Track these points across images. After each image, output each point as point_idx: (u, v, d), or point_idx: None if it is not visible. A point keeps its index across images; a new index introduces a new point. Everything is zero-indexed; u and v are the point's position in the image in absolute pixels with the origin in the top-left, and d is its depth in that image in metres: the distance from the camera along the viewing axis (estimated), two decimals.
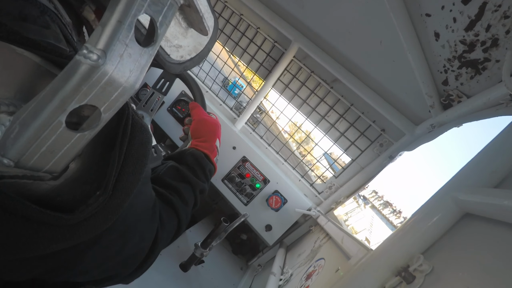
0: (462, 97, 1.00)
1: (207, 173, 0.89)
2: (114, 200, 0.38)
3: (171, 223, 0.67)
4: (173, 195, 0.72)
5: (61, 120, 0.29)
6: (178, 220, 0.70)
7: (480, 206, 0.57)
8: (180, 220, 0.70)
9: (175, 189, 0.74)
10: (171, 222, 0.67)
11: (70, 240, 0.35)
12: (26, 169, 0.31)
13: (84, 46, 0.28)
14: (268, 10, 1.58)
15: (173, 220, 0.68)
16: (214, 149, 0.97)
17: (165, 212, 0.65)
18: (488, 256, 0.51)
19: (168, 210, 0.68)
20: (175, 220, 0.69)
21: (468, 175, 0.66)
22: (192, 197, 0.79)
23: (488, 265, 0.49)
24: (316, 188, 1.73)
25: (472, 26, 0.81)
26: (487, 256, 0.51)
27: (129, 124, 0.41)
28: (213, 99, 1.88)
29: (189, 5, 0.41)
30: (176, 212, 0.69)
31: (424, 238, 0.64)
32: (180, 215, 0.70)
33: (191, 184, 0.80)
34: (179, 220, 0.70)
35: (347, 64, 1.48)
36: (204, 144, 0.95)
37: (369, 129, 1.57)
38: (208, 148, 0.94)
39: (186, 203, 0.75)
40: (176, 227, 0.70)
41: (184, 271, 1.29)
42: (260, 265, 1.68)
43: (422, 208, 0.68)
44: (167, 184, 0.74)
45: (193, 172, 0.83)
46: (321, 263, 1.09)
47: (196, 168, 0.85)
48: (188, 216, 0.76)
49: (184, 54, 0.55)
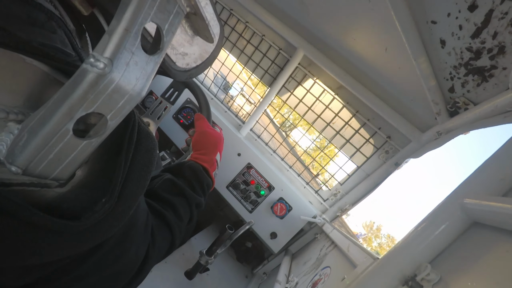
0: (468, 104, 0.99)
1: (205, 187, 0.87)
2: (120, 207, 0.38)
3: (163, 240, 0.66)
4: (168, 210, 0.70)
5: (69, 128, 0.30)
6: (171, 236, 0.69)
7: (488, 214, 0.56)
8: (173, 236, 0.69)
9: (170, 203, 0.73)
10: (163, 239, 0.65)
11: (77, 246, 0.35)
12: (33, 177, 0.31)
13: (91, 54, 0.28)
14: (273, 17, 1.59)
15: (165, 237, 0.67)
16: (213, 162, 0.96)
17: (157, 228, 0.63)
18: (497, 266, 0.50)
19: (161, 225, 0.66)
20: (168, 236, 0.68)
21: (476, 183, 0.65)
22: (188, 212, 0.78)
23: (497, 275, 0.48)
24: (321, 195, 1.71)
25: (478, 33, 0.80)
26: (495, 265, 0.50)
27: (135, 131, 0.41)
28: (218, 106, 1.89)
29: (195, 13, 0.41)
30: (169, 228, 0.68)
31: (432, 247, 0.63)
32: (173, 231, 0.69)
33: (187, 198, 0.78)
34: (172, 235, 0.69)
35: (352, 71, 1.48)
36: (203, 157, 0.94)
37: (375, 136, 1.56)
38: (207, 161, 0.93)
39: (180, 218, 0.74)
40: (169, 245, 0.69)
41: (189, 279, 1.28)
42: (265, 273, 1.67)
43: (429, 216, 0.67)
44: (162, 198, 0.73)
45: (190, 185, 0.82)
46: (327, 272, 1.08)
47: (193, 182, 0.84)
48: (182, 232, 0.74)
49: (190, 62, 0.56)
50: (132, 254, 0.50)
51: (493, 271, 0.50)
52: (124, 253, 0.48)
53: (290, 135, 1.78)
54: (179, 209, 0.73)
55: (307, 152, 1.88)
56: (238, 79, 1.95)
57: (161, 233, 0.64)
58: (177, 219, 0.72)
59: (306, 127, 1.79)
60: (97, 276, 0.46)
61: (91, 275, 0.45)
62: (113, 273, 0.49)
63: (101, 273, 0.46)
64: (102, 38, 0.29)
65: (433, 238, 0.63)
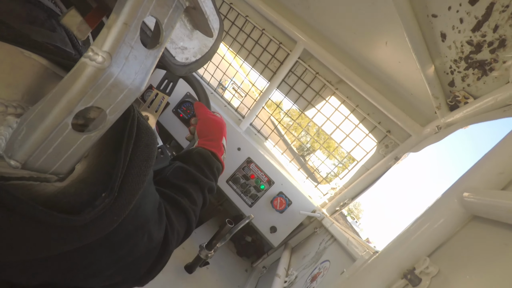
0: (468, 98, 0.99)
1: (215, 171, 0.88)
2: (120, 201, 0.38)
3: (181, 224, 0.67)
4: (181, 196, 0.71)
5: (68, 122, 0.29)
6: (187, 220, 0.70)
7: (487, 208, 0.56)
8: (189, 220, 0.70)
9: (183, 189, 0.74)
10: (180, 223, 0.67)
11: (77, 241, 0.35)
12: (33, 171, 0.31)
13: (90, 48, 0.28)
14: (273, 11, 1.58)
15: (182, 221, 0.68)
16: (221, 147, 0.97)
17: (173, 214, 0.64)
18: (495, 259, 0.50)
19: (177, 211, 0.67)
20: (184, 221, 0.69)
21: (475, 177, 0.65)
22: (201, 197, 0.79)
23: (496, 268, 0.49)
24: (321, 189, 1.72)
25: (479, 26, 0.80)
26: (494, 259, 0.51)
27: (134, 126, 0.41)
28: (217, 100, 1.88)
29: (195, 7, 0.41)
30: (185, 213, 0.69)
31: (431, 240, 0.63)
32: (189, 215, 0.70)
33: (199, 184, 0.79)
34: (188, 220, 0.70)
35: (352, 66, 1.47)
36: (210, 142, 0.95)
37: (375, 130, 1.56)
38: (215, 146, 0.94)
39: (194, 203, 0.75)
40: (186, 228, 0.70)
41: (189, 272, 1.29)
42: (265, 267, 1.68)
43: (428, 210, 0.67)
44: (174, 185, 0.74)
45: (200, 171, 0.83)
46: (326, 265, 1.09)
47: (204, 167, 0.85)
48: (197, 216, 0.76)
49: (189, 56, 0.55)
50: (144, 244, 0.51)
51: (491, 264, 0.50)
52: (135, 245, 0.48)
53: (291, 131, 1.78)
54: (192, 194, 0.75)
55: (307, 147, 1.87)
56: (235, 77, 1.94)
57: (177, 218, 0.66)
58: (192, 204, 0.73)
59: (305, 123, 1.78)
60: (112, 269, 0.47)
61: (105, 269, 0.45)
62: (128, 264, 0.50)
63: (115, 266, 0.47)
64: (101, 32, 0.28)
65: (432, 232, 0.64)
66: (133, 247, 0.48)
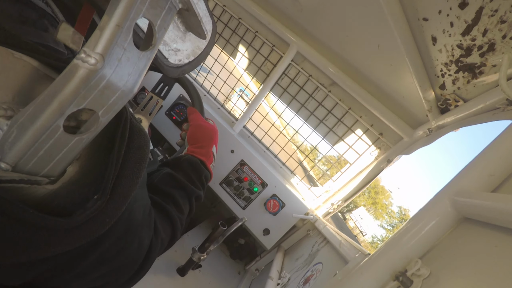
0: (459, 101, 1.00)
1: (203, 180, 0.88)
2: (112, 204, 0.38)
3: (166, 232, 0.66)
4: (168, 203, 0.71)
5: (59, 124, 0.29)
6: (172, 228, 0.69)
7: (478, 210, 0.57)
8: (174, 229, 0.70)
9: (171, 196, 0.73)
10: (165, 231, 0.66)
11: (68, 244, 0.35)
12: (23, 173, 0.31)
13: (82, 50, 0.28)
14: (266, 13, 1.58)
15: (167, 229, 0.67)
16: (210, 155, 0.96)
17: (159, 221, 0.64)
18: (486, 260, 0.51)
19: (163, 218, 0.67)
20: (169, 228, 0.68)
21: (466, 179, 0.66)
22: (187, 205, 0.79)
23: (486, 270, 0.49)
24: (314, 192, 1.72)
25: (469, 30, 0.81)
26: (485, 260, 0.51)
27: (127, 128, 0.41)
28: (211, 102, 1.88)
29: (188, 9, 0.41)
30: (171, 221, 0.69)
31: (422, 243, 0.64)
32: (174, 223, 0.69)
33: (187, 192, 0.79)
34: (174, 228, 0.69)
35: (345, 68, 1.48)
36: (200, 150, 0.94)
37: (367, 133, 1.57)
38: (204, 154, 0.94)
39: (181, 211, 0.74)
40: (170, 236, 0.69)
41: (182, 275, 1.28)
42: (257, 269, 1.67)
43: (420, 212, 0.68)
44: (162, 192, 0.73)
45: (189, 179, 0.83)
46: (319, 268, 1.09)
47: (192, 175, 0.84)
48: (183, 224, 0.75)
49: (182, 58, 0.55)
50: (134, 249, 0.50)
51: (482, 265, 0.51)
52: (125, 248, 0.48)
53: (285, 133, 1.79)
54: (179, 202, 0.74)
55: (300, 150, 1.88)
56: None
57: (163, 225, 0.65)
58: (178, 212, 0.72)
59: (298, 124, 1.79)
60: (98, 273, 0.46)
61: (92, 272, 0.45)
62: (115, 268, 0.49)
63: (102, 269, 0.46)
64: (93, 34, 0.28)
65: (424, 234, 0.64)
66: (122, 251, 0.47)
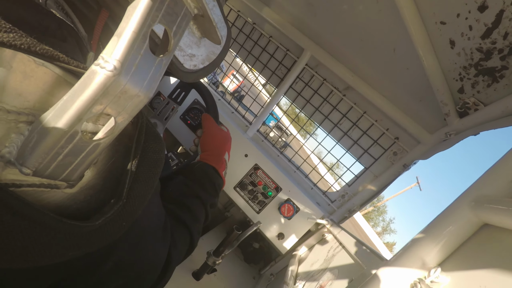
0: (479, 105, 0.98)
1: (217, 187, 0.89)
2: (128, 208, 0.39)
3: (183, 242, 0.67)
4: (184, 212, 0.72)
5: (78, 129, 0.30)
6: (190, 237, 0.70)
7: (499, 216, 0.55)
8: (192, 238, 0.71)
9: (186, 205, 0.74)
10: (183, 240, 0.67)
11: (86, 247, 0.35)
12: (43, 178, 0.31)
13: (100, 56, 0.28)
14: (280, 19, 1.59)
15: (185, 239, 0.68)
16: (222, 162, 0.97)
17: (176, 231, 0.65)
18: (506, 268, 0.50)
19: (180, 228, 0.68)
20: (187, 238, 0.69)
21: (487, 184, 0.64)
22: (203, 213, 0.79)
23: (507, 278, 0.48)
24: (329, 196, 1.71)
25: (488, 33, 0.80)
26: (505, 268, 0.50)
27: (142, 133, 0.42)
28: (225, 107, 1.89)
29: (203, 15, 0.42)
30: (187, 229, 0.70)
31: (441, 249, 0.63)
32: (192, 233, 0.70)
33: (201, 199, 0.80)
34: (191, 237, 0.70)
35: (360, 72, 1.47)
36: (212, 157, 0.95)
37: (383, 137, 1.55)
38: (216, 161, 0.95)
39: (197, 219, 0.75)
40: (188, 245, 0.70)
41: (197, 279, 1.29)
42: (272, 274, 1.67)
43: (439, 217, 0.66)
44: (177, 201, 0.74)
45: (202, 186, 0.83)
46: (335, 273, 1.08)
47: (206, 183, 0.85)
48: (199, 232, 0.76)
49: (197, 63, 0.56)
50: (150, 258, 0.51)
51: (503, 273, 0.49)
52: (140, 258, 0.49)
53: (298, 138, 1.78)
54: (194, 210, 0.75)
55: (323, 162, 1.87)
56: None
57: (180, 235, 0.66)
58: (194, 221, 0.73)
59: (313, 128, 1.78)
60: (115, 283, 0.47)
61: (109, 282, 0.45)
62: (132, 279, 0.49)
63: (119, 279, 0.47)
64: (110, 40, 0.29)
65: (443, 240, 0.63)
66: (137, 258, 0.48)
